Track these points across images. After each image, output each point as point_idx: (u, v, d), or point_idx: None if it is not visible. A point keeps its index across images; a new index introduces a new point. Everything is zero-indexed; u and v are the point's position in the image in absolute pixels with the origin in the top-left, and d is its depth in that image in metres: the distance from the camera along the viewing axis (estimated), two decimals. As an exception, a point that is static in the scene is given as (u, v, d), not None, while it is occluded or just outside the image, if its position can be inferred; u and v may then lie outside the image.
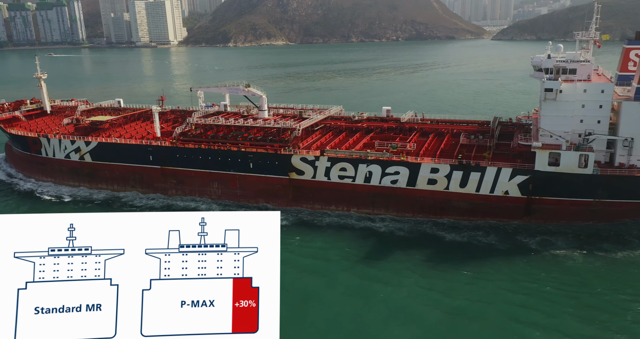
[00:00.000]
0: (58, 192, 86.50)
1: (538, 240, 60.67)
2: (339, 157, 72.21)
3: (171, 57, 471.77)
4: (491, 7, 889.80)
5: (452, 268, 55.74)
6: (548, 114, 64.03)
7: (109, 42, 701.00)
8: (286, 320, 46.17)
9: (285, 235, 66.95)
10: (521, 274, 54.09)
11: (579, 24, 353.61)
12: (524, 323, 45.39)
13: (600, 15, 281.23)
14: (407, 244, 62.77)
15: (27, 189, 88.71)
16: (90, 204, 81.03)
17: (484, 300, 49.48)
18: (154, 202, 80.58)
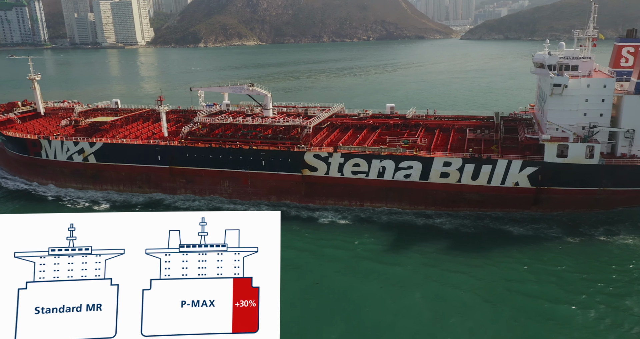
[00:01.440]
0: (83, 196, 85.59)
1: (554, 229, 64.11)
2: (352, 153, 73.90)
3: (140, 57, 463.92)
4: (453, 8, 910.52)
5: (477, 256, 58.32)
6: (554, 108, 67.43)
7: (72, 43, 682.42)
8: (319, 312, 47.70)
9: (302, 230, 68.34)
10: (534, 260, 57.07)
11: (545, 24, 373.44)
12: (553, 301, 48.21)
13: (567, 14, 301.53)
14: (427, 235, 65.09)
15: (41, 192, 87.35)
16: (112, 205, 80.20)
17: (512, 287, 52.18)
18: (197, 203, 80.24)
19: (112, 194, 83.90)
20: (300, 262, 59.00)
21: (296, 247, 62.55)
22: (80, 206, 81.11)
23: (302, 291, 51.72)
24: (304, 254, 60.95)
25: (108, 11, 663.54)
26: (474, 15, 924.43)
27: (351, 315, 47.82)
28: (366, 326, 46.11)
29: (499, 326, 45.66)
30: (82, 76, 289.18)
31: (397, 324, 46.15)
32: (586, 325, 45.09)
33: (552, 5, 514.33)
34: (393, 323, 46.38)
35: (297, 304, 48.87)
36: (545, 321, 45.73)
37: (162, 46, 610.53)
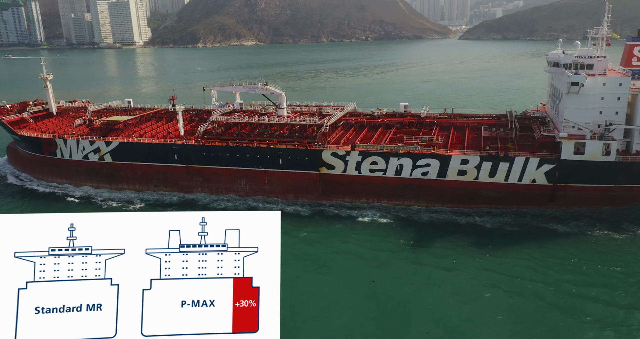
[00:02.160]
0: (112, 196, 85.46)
1: (572, 224, 65.05)
2: (369, 151, 74.67)
3: (140, 58, 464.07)
4: (449, 8, 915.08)
5: (498, 252, 59.20)
6: (571, 106, 68.40)
7: (69, 43, 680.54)
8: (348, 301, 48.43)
9: (318, 226, 69.07)
10: (557, 256, 58.01)
11: (543, 24, 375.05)
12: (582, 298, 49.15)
13: (565, 14, 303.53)
14: (447, 232, 65.90)
15: (50, 191, 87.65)
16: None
17: (536, 279, 53.06)
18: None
19: (145, 194, 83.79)
20: (331, 259, 59.76)
21: (324, 243, 63.50)
22: (116, 205, 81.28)
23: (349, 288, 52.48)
24: (330, 250, 61.69)
25: (105, 11, 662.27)
26: (469, 15, 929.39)
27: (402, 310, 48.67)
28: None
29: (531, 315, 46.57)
30: (81, 77, 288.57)
31: (435, 316, 46.99)
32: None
33: (550, 5, 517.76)
34: (429, 313, 47.23)
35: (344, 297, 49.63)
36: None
37: (160, 46, 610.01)
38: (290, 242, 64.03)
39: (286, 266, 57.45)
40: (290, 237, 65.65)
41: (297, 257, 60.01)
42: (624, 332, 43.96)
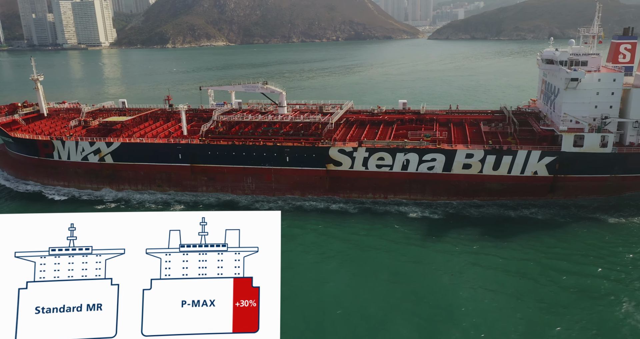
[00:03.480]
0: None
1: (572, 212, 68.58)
2: (376, 147, 76.48)
3: (107, 59, 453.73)
4: (412, 9, 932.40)
5: (506, 242, 61.96)
6: (568, 101, 71.96)
7: (30, 44, 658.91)
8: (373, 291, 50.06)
9: (333, 221, 70.47)
10: (559, 242, 61.21)
11: (510, 24, 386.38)
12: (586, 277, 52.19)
13: (530, 15, 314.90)
14: (453, 224, 68.36)
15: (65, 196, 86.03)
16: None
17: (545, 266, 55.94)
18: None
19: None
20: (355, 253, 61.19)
21: (344, 238, 64.90)
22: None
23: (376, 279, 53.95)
24: (350, 245, 63.15)
25: (69, 11, 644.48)
26: (432, 16, 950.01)
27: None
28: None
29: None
30: (50, 78, 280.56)
31: (456, 303, 49.03)
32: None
33: (515, 6, 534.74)
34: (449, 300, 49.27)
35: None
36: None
37: (128, 47, 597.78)
38: (303, 238, 65.23)
39: (298, 262, 58.71)
40: (303, 233, 66.88)
41: (312, 251, 61.25)
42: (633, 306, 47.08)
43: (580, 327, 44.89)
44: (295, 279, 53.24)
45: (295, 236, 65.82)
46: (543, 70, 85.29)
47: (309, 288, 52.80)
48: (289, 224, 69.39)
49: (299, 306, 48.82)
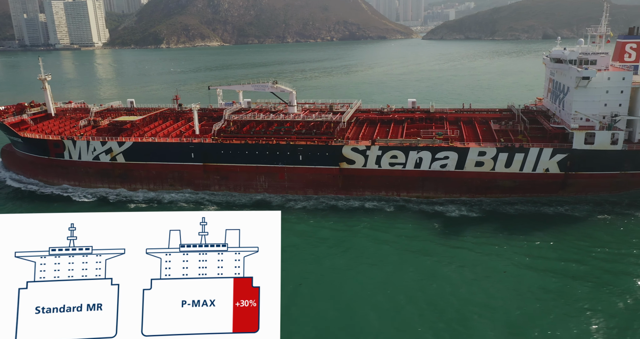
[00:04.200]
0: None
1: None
2: (389, 145, 77.27)
3: (103, 59, 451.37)
4: (403, 9, 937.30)
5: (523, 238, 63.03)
6: (579, 99, 73.20)
7: (22, 44, 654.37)
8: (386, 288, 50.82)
9: (348, 219, 71.16)
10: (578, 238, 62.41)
11: (504, 24, 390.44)
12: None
13: (524, 15, 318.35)
14: (466, 221, 69.31)
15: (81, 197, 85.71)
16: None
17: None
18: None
19: (161, 194, 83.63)
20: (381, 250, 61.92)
21: (366, 234, 65.61)
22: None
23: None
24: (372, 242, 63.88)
25: (61, 11, 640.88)
26: (423, 16, 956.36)
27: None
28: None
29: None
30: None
31: (473, 297, 49.88)
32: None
33: (509, 6, 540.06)
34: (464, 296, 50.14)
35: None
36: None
37: (121, 47, 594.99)
38: (319, 235, 65.88)
39: (311, 259, 59.40)
40: (318, 229, 67.55)
41: (326, 249, 61.93)
42: None
43: (601, 318, 45.91)
44: (309, 278, 53.91)
45: (308, 233, 66.50)
46: (550, 69, 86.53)
47: (326, 286, 53.30)
48: (302, 222, 70.08)
49: (317, 305, 49.47)
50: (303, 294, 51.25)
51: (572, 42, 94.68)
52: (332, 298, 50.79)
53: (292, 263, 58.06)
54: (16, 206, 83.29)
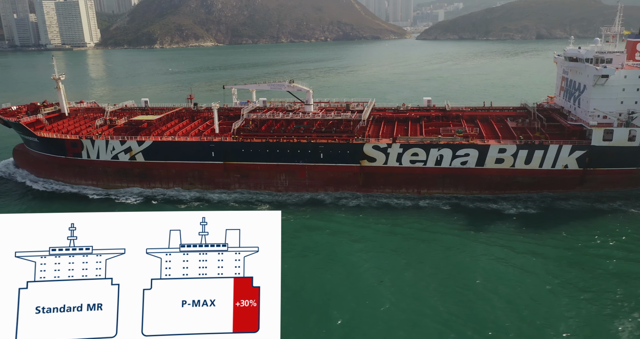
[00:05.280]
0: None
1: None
2: (410, 143, 78.30)
3: (97, 59, 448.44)
4: (393, 10, 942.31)
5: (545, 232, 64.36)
6: (597, 97, 74.82)
7: (12, 45, 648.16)
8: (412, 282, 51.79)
9: (366, 216, 72.06)
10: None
11: (498, 25, 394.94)
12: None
13: (517, 15, 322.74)
14: (487, 217, 70.53)
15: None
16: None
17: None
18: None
19: (180, 192, 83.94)
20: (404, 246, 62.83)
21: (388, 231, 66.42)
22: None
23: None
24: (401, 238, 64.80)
25: (52, 11, 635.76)
26: (412, 16, 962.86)
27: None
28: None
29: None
30: (48, 79, 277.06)
31: (497, 287, 50.99)
32: None
33: (502, 7, 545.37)
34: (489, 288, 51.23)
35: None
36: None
37: (114, 47, 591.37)
38: (337, 232, 66.73)
39: (330, 256, 60.25)
40: (337, 226, 68.43)
41: (351, 246, 62.82)
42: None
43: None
44: (325, 275, 54.80)
45: (338, 231, 67.31)
46: (564, 67, 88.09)
47: (346, 285, 53.93)
48: (324, 219, 70.98)
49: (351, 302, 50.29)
50: (335, 292, 52.03)
51: (567, 42, 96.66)
52: (365, 294, 51.62)
53: (319, 259, 58.88)
54: (32, 206, 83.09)
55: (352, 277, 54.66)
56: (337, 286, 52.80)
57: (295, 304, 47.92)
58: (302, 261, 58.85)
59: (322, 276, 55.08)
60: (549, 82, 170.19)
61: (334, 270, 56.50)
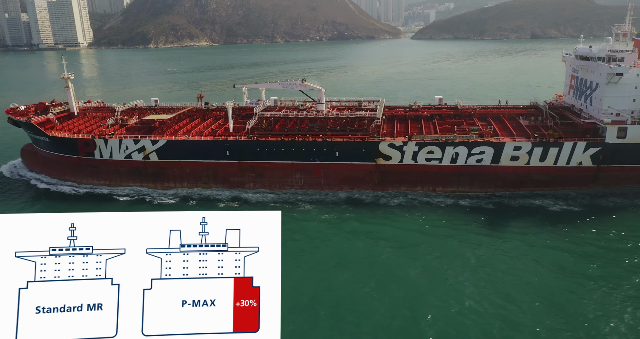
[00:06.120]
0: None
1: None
2: (425, 141, 78.83)
3: (92, 59, 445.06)
4: (384, 10, 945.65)
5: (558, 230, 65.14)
6: (610, 95, 75.75)
7: (3, 45, 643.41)
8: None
9: (383, 214, 72.52)
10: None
11: (493, 24, 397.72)
12: None
13: (512, 15, 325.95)
14: (504, 215, 71.23)
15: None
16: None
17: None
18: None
19: (195, 191, 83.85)
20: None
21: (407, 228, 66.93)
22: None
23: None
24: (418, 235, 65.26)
25: (44, 11, 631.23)
26: (404, 16, 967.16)
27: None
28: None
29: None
30: (50, 78, 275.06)
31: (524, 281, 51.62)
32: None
33: (496, 6, 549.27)
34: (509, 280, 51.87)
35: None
36: None
37: (108, 47, 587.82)
38: (356, 230, 67.12)
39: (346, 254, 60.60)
40: (357, 224, 68.84)
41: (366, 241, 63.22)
42: None
43: None
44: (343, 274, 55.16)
45: (355, 229, 67.72)
46: (573, 66, 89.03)
47: (364, 282, 54.41)
48: (340, 217, 71.30)
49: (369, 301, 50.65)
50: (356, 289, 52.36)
51: (565, 41, 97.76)
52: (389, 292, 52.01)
53: (333, 256, 59.21)
54: (44, 205, 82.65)
55: (364, 276, 55.00)
56: (354, 288, 53.04)
57: (295, 304, 48.05)
58: (318, 259, 59.18)
59: (338, 276, 55.22)
60: (552, 81, 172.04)
61: (354, 271, 56.71)
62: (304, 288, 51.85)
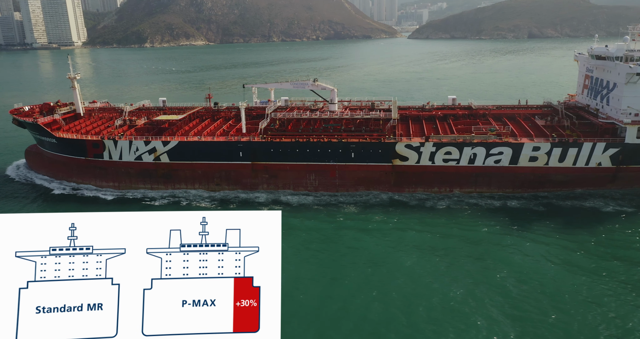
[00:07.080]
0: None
1: None
2: (443, 142, 77.77)
3: (89, 58, 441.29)
4: (377, 9, 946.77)
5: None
6: (629, 94, 74.99)
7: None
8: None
9: (401, 215, 71.43)
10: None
11: (489, 24, 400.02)
12: None
13: (508, 15, 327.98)
14: (523, 216, 70.30)
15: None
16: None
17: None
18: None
19: (208, 193, 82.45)
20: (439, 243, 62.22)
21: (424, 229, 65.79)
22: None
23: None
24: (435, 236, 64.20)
25: (38, 10, 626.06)
26: (397, 16, 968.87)
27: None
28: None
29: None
30: (48, 78, 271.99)
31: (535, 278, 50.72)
32: None
33: (493, 6, 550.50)
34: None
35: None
36: None
37: (102, 46, 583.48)
38: (374, 231, 66.04)
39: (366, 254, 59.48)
40: (376, 225, 67.74)
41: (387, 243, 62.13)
42: None
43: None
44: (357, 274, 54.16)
45: (371, 229, 66.62)
46: (587, 66, 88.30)
47: (382, 282, 53.44)
48: (355, 218, 70.30)
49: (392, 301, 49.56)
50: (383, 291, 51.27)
51: (562, 40, 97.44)
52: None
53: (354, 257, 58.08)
54: (45, 206, 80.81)
55: (375, 277, 53.92)
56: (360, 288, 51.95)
57: (295, 304, 47.28)
58: (330, 259, 58.15)
59: (339, 277, 54.12)
60: (560, 80, 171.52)
61: (357, 271, 55.56)
62: (305, 288, 50.97)
